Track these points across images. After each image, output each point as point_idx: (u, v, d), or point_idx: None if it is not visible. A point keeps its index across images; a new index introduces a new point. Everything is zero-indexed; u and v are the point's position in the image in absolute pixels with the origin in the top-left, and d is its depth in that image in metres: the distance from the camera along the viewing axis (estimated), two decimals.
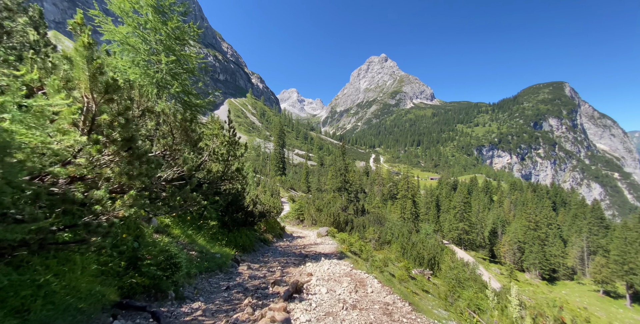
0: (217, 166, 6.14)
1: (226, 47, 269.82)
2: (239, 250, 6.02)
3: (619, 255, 35.76)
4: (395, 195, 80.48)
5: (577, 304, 34.16)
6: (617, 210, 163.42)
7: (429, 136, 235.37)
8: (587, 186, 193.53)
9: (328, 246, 9.49)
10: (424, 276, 14.05)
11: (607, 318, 30.81)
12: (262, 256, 6.51)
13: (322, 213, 16.35)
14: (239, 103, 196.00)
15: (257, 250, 7.54)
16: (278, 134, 74.66)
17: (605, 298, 37.35)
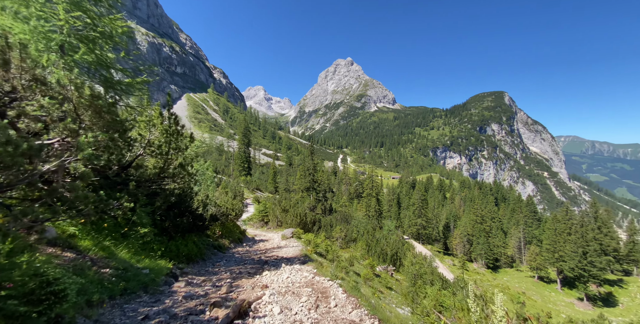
0: (155, 161, 5.07)
1: (184, 38, 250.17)
2: (181, 261, 5.04)
3: (550, 244, 41.74)
4: (361, 194, 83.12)
5: (517, 289, 38.96)
6: (547, 204, 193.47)
7: (391, 138, 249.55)
8: (522, 183, 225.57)
9: (292, 249, 8.85)
10: (388, 272, 14.27)
11: (542, 301, 35.64)
12: (212, 267, 5.59)
13: (289, 214, 15.62)
14: (199, 98, 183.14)
15: (208, 258, 6.54)
16: (243, 132, 71.17)
17: (539, 283, 43.30)
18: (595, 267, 37.49)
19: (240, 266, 5.62)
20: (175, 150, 5.04)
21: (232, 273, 4.93)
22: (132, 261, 3.46)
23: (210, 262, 6.15)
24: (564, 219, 46.74)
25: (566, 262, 39.51)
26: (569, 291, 41.03)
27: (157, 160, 4.94)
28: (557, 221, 46.75)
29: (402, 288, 11.36)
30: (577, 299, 38.47)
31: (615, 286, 41.16)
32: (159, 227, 5.02)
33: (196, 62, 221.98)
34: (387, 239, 22.83)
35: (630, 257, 44.39)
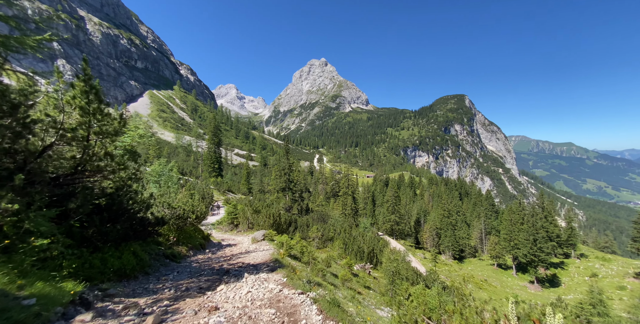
0: (69, 150, 3.85)
1: (145, 31, 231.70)
2: (108, 278, 3.87)
3: (507, 234, 45.43)
4: (338, 193, 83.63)
5: (480, 277, 41.73)
6: (502, 198, 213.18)
7: (365, 138, 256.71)
8: (482, 179, 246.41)
9: (262, 253, 7.90)
10: (365, 270, 13.91)
11: (501, 286, 38.49)
12: (156, 282, 4.44)
13: (261, 215, 14.49)
14: (164, 95, 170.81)
15: (156, 271, 5.33)
16: (213, 131, 67.31)
17: (498, 269, 46.88)
18: (544, 252, 41.71)
19: (192, 279, 4.56)
20: (98, 136, 3.87)
21: (177, 290, 3.90)
22: (10, 287, 2.35)
23: (156, 276, 4.94)
24: (518, 210, 51.43)
25: (520, 249, 43.36)
26: (522, 276, 45.15)
27: (72, 149, 3.73)
28: (512, 212, 51.24)
29: (381, 287, 11.00)
30: (529, 282, 42.39)
31: (558, 268, 46.19)
32: (77, 236, 3.80)
33: (160, 57, 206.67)
34: (363, 236, 22.70)
35: (569, 241, 50.23)
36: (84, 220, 4.02)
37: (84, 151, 3.77)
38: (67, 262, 3.32)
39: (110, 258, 4.12)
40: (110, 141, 4.08)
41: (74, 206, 3.60)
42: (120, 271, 4.22)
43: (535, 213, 52.72)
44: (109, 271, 3.98)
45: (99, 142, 3.93)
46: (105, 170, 4.17)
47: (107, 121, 3.83)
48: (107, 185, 4.67)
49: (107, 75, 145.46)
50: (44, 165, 3.64)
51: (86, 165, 4.02)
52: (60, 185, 3.78)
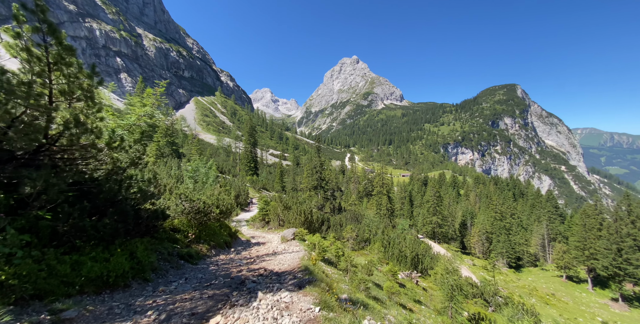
0: None
1: (191, 43, 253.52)
2: (84, 289, 2.86)
3: (579, 241, 37.89)
4: (371, 192, 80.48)
5: (545, 290, 35.40)
6: (566, 199, 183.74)
7: (400, 135, 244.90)
8: (538, 178, 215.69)
9: (290, 256, 6.61)
10: (412, 280, 11.82)
11: (573, 302, 32.06)
12: (149, 295, 3.34)
13: (291, 212, 13.41)
14: (207, 101, 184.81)
15: (160, 276, 4.34)
16: (249, 132, 69.82)
17: (568, 283, 39.43)
18: (632, 265, 33.62)
19: (194, 294, 3.40)
20: (66, 96, 2.86)
21: (162, 313, 2.75)
22: None
23: (157, 284, 3.93)
24: (594, 214, 42.59)
25: (598, 260, 35.69)
26: (602, 291, 37.16)
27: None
28: (587, 216, 42.62)
29: (435, 301, 8.87)
30: (611, 299, 34.67)
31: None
32: (44, 232, 2.89)
33: (203, 66, 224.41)
34: (405, 239, 20.27)
35: None
36: (59, 213, 3.11)
37: (47, 118, 2.80)
38: (12, 269, 2.35)
39: (89, 261, 3.16)
40: (88, 106, 3.08)
41: (29, 190, 2.66)
42: (101, 280, 3.24)
43: (619, 218, 43.13)
44: (80, 281, 3.03)
45: (63, 103, 2.93)
46: (86, 148, 3.19)
47: (72, 76, 2.81)
48: (92, 168, 3.75)
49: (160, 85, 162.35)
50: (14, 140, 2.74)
51: (60, 139, 3.06)
52: (25, 165, 2.86)
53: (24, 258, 2.54)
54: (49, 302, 2.58)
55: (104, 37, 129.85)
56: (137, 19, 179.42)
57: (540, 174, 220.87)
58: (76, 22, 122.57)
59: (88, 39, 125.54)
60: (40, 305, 2.48)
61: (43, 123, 2.77)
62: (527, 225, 63.50)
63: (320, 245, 7.24)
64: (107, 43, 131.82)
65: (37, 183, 2.68)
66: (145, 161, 4.90)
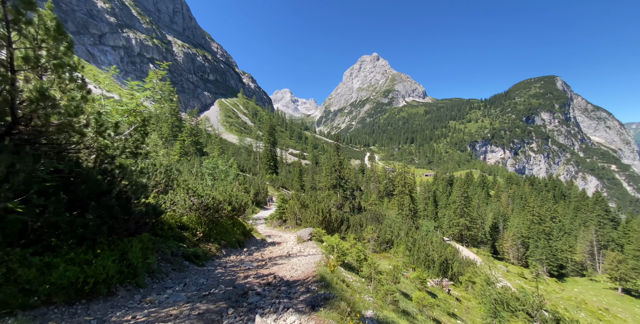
0: None
1: (216, 47, 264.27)
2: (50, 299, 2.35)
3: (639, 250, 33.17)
4: (392, 192, 78.02)
5: (596, 304, 31.37)
6: (617, 202, 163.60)
7: (422, 133, 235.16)
8: (583, 178, 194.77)
9: (305, 259, 5.90)
10: (443, 288, 10.58)
11: (632, 320, 28.02)
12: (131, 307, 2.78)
13: (308, 210, 12.76)
14: (230, 103, 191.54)
15: (156, 280, 3.83)
16: (269, 131, 70.95)
17: (625, 296, 34.69)
18: None
19: (186, 306, 2.78)
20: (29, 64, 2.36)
21: None
22: None
23: (144, 292, 3.34)
24: None
25: None
26: None
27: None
28: None
29: (472, 317, 7.65)
30: None
31: None
32: (12, 229, 2.43)
33: (227, 69, 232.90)
34: (431, 242, 18.73)
35: None
36: (39, 205, 2.66)
37: (9, 89, 2.31)
38: None
39: (62, 264, 2.69)
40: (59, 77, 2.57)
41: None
42: (75, 287, 2.74)
43: None
44: (45, 289, 2.50)
45: (38, 80, 2.43)
46: (62, 130, 2.70)
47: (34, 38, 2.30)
48: (83, 158, 3.29)
49: (187, 88, 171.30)
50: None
51: (33, 119, 2.58)
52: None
53: None
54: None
55: (138, 45, 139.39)
56: (167, 27, 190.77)
57: (585, 174, 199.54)
58: (116, 33, 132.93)
59: (125, 48, 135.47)
60: None
61: (3, 95, 2.31)
62: (571, 229, 57.29)
63: (339, 248, 6.45)
64: (142, 51, 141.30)
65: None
66: (146, 151, 4.43)
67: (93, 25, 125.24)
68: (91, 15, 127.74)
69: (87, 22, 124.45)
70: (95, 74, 5.89)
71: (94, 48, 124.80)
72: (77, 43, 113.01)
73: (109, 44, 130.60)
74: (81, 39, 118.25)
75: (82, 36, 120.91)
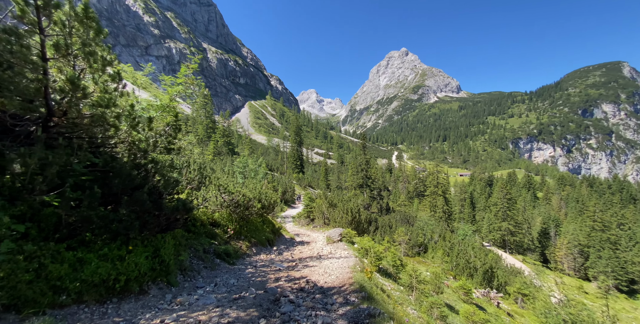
0: None
1: (246, 52, 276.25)
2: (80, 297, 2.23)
3: None
4: (423, 192, 74.24)
5: None
6: None
7: (456, 130, 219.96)
8: None
9: (338, 262, 5.48)
10: (492, 301, 9.38)
11: None
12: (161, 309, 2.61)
13: (337, 210, 12.32)
14: (259, 105, 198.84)
15: (187, 279, 3.73)
16: (295, 131, 72.21)
17: None
18: None
19: (216, 311, 2.52)
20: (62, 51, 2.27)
21: None
22: None
23: (175, 292, 3.19)
24: None
25: None
26: None
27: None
28: None
29: None
30: None
31: None
32: (48, 222, 2.39)
33: (256, 72, 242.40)
34: (473, 248, 17.06)
35: None
36: (73, 198, 2.63)
37: (41, 78, 2.25)
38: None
39: (94, 260, 2.61)
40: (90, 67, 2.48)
41: (20, 169, 2.15)
42: (106, 284, 2.65)
43: None
44: (76, 286, 2.38)
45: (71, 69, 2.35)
46: (96, 122, 2.63)
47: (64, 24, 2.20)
48: (121, 152, 3.25)
49: (220, 92, 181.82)
50: None
51: (69, 111, 2.53)
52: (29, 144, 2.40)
53: (12, 253, 2.04)
54: (27, 315, 2.03)
55: (178, 53, 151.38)
56: (203, 35, 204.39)
57: None
58: (159, 44, 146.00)
59: (167, 57, 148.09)
60: (12, 320, 1.93)
61: (35, 85, 2.26)
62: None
63: (373, 251, 5.91)
64: (181, 59, 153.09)
65: (28, 160, 2.18)
66: (178, 146, 4.37)
67: (140, 38, 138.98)
68: (139, 29, 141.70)
69: (136, 35, 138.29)
70: (135, 77, 6.09)
71: (141, 58, 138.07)
72: (127, 55, 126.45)
73: (153, 54, 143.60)
74: (130, 51, 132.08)
75: (131, 48, 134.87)
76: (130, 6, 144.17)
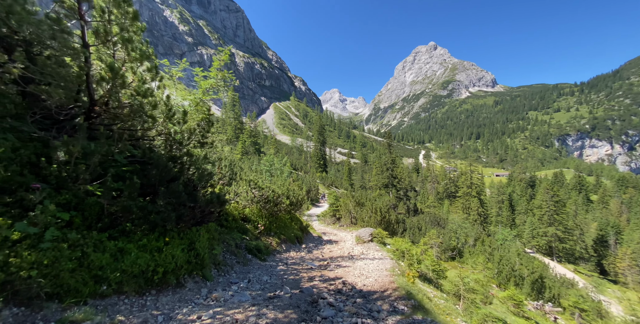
0: None
1: (271, 55, 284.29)
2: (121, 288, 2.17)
3: None
4: (454, 194, 70.12)
5: None
6: None
7: (491, 127, 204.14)
8: None
9: (373, 264, 5.09)
10: (547, 315, 8.27)
11: None
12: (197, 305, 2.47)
13: (365, 209, 11.85)
14: (283, 106, 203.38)
15: (222, 273, 3.64)
16: (318, 130, 72.62)
17: None
18: None
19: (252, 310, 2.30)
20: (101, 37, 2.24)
21: None
22: None
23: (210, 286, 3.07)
24: None
25: None
26: None
27: None
28: None
29: None
30: None
31: None
32: (92, 211, 2.40)
33: (280, 74, 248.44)
34: (518, 255, 15.41)
35: None
36: (113, 189, 2.63)
37: (83, 66, 2.25)
38: (33, 255, 1.79)
39: (134, 250, 2.58)
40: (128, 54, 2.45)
41: (63, 157, 2.16)
42: (145, 276, 2.61)
43: None
44: (116, 276, 2.32)
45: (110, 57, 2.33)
46: (134, 111, 2.61)
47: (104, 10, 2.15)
48: (158, 143, 3.25)
49: (247, 94, 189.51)
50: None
51: (110, 101, 2.53)
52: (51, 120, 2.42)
53: (57, 241, 2.04)
54: (69, 305, 2.01)
55: (209, 59, 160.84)
56: (231, 40, 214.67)
57: None
58: (192, 51, 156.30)
59: (199, 63, 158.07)
60: (55, 309, 1.91)
61: (77, 72, 2.26)
62: None
63: (411, 254, 5.40)
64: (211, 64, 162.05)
65: (71, 148, 2.19)
66: (211, 140, 4.35)
67: (176, 46, 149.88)
68: (175, 38, 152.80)
69: (172, 44, 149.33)
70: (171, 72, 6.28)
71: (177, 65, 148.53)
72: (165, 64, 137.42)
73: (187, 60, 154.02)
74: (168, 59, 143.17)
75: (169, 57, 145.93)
76: (168, 17, 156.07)
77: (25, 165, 2.23)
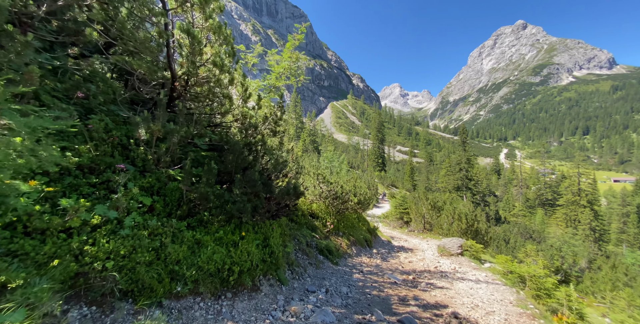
0: None
1: (330, 55, 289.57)
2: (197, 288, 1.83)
3: None
4: (551, 202, 56.98)
5: None
6: None
7: (607, 119, 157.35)
8: None
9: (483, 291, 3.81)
10: None
11: None
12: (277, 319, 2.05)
13: (443, 214, 10.10)
14: (340, 105, 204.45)
15: (296, 277, 3.16)
16: (377, 128, 69.87)
17: None
18: None
19: None
20: None
21: None
22: None
23: (286, 292, 2.57)
24: None
25: None
26: None
27: None
28: None
29: None
30: None
31: None
32: (172, 198, 2.21)
33: (339, 73, 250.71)
34: None
35: None
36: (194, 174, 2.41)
37: (163, 34, 2.00)
38: (111, 243, 1.59)
39: (211, 243, 2.27)
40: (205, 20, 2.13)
41: (144, 135, 1.95)
42: (221, 275, 2.29)
43: None
44: (193, 274, 2.00)
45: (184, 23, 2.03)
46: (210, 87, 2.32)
47: None
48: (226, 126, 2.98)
49: (307, 96, 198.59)
50: None
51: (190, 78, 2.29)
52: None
53: (137, 228, 1.85)
54: (142, 307, 1.77)
55: None
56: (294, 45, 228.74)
57: None
58: (262, 59, 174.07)
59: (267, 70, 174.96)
60: (128, 310, 1.66)
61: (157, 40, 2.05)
62: None
63: (540, 282, 3.86)
64: None
65: (152, 125, 1.98)
66: (282, 129, 3.96)
67: None
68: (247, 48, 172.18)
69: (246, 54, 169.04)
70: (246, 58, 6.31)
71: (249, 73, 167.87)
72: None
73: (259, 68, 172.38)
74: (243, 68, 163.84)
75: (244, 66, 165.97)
76: (243, 30, 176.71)
77: (117, 147, 2.16)
